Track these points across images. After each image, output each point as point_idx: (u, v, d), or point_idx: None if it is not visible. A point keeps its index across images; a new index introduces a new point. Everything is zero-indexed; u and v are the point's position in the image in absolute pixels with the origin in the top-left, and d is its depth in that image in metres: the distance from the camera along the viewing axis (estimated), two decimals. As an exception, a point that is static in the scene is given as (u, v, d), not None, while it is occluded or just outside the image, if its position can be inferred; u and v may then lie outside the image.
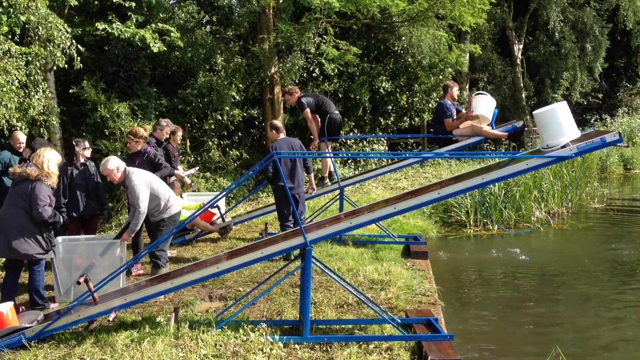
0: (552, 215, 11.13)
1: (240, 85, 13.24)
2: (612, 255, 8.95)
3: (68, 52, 8.67)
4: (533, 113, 5.65)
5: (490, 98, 8.50)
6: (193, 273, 5.07)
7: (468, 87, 19.69)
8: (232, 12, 14.72)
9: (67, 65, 8.87)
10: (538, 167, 5.27)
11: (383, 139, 16.23)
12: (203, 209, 5.75)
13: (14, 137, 7.68)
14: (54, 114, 9.57)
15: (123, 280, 6.27)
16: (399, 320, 5.29)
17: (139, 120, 10.50)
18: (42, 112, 9.15)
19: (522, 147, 17.08)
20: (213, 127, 13.10)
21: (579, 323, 6.30)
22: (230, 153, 13.46)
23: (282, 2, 12.76)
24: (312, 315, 5.36)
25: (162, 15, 12.38)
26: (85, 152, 7.28)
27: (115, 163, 6.30)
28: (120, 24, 9.78)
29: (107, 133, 10.31)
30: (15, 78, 8.02)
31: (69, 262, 6.23)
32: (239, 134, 14.08)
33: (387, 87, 15.54)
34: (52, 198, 5.77)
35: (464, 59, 16.98)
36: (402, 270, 7.03)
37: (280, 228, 7.83)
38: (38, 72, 8.70)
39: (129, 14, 10.33)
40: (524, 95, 21.53)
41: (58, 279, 6.20)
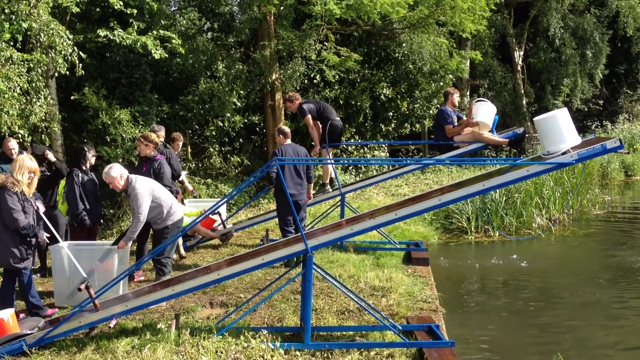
0: (553, 222, 11.13)
1: (242, 92, 13.26)
2: (613, 262, 8.93)
3: (70, 58, 8.69)
4: (534, 119, 5.66)
5: (491, 105, 8.52)
6: (194, 280, 5.08)
7: (469, 93, 19.71)
8: (233, 18, 14.76)
9: (68, 72, 8.89)
10: (539, 173, 5.29)
11: (384, 146, 16.24)
12: (204, 216, 5.75)
13: (5, 144, 7.57)
14: (56, 121, 9.59)
15: (124, 287, 6.27)
16: (400, 327, 5.28)
17: (141, 127, 10.51)
18: (43, 118, 9.17)
19: (522, 153, 17.07)
20: (214, 133, 13.12)
21: (581, 329, 6.28)
22: (232, 159, 13.47)
23: (283, 9, 12.79)
24: (313, 322, 5.36)
25: (163, 22, 12.41)
26: (92, 159, 7.40)
27: (119, 170, 6.30)
28: (122, 31, 9.81)
29: (108, 140, 10.32)
30: (17, 85, 8.04)
31: (76, 269, 6.20)
32: (240, 141, 14.09)
33: (388, 93, 15.56)
34: (25, 205, 5.55)
35: (465, 66, 17.01)
36: (403, 277, 7.02)
37: (282, 234, 7.83)
38: (40, 78, 8.72)
39: (131, 21, 10.36)
40: (525, 102, 21.55)
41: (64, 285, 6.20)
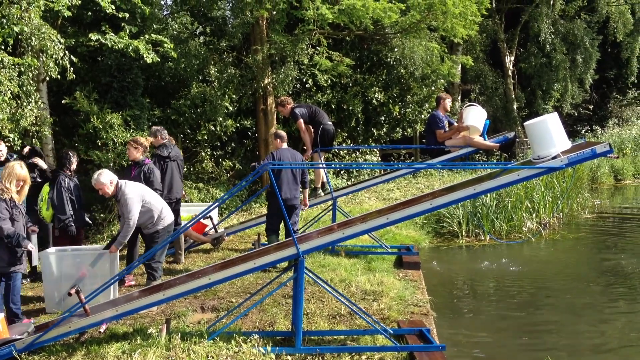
0: (543, 226, 11.18)
1: (234, 96, 13.26)
2: (603, 265, 8.99)
3: (61, 62, 8.67)
4: (524, 124, 5.70)
5: (481, 109, 8.58)
6: (185, 284, 5.06)
7: (460, 98, 19.82)
8: (225, 23, 14.78)
9: (60, 76, 8.86)
10: (529, 177, 5.32)
11: (376, 150, 16.28)
12: (195, 220, 5.74)
13: None
14: (47, 125, 9.56)
15: (115, 292, 6.25)
16: (391, 331, 5.29)
17: (132, 131, 10.49)
18: (34, 122, 9.14)
19: (513, 158, 17.17)
20: (206, 137, 13.10)
21: (571, 332, 6.32)
22: (223, 164, 13.45)
23: (275, 13, 12.82)
24: (304, 326, 5.35)
25: (155, 26, 12.41)
26: (74, 164, 7.37)
27: (109, 177, 6.28)
28: (114, 35, 9.80)
29: (99, 144, 10.29)
30: (8, 89, 8.01)
31: (66, 273, 6.16)
32: (232, 145, 14.08)
33: (379, 98, 15.61)
34: (13, 212, 5.50)
35: (456, 71, 17.11)
36: (394, 281, 7.04)
37: (267, 237, 7.83)
38: (31, 82, 8.69)
39: (123, 25, 10.35)
40: (515, 107, 21.69)
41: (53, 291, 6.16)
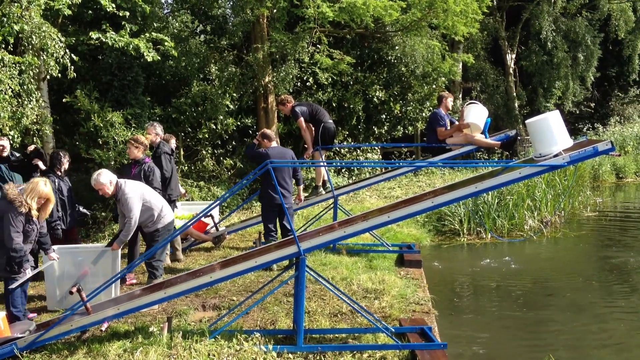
0: (545, 224, 11.17)
1: (234, 95, 13.25)
2: (604, 263, 8.98)
3: (62, 61, 8.66)
4: (526, 122, 5.69)
5: (482, 107, 8.57)
6: (186, 282, 5.06)
7: (461, 96, 19.80)
8: (226, 21, 14.76)
9: (60, 75, 8.85)
10: (531, 175, 5.31)
11: (377, 148, 16.27)
12: (197, 218, 5.74)
13: None
14: (47, 123, 9.55)
15: (116, 290, 6.25)
16: (393, 329, 5.28)
17: (133, 130, 10.48)
18: (35, 121, 9.13)
19: (515, 156, 17.16)
20: (207, 136, 13.10)
21: (573, 330, 6.31)
22: (224, 162, 13.44)
23: (276, 11, 12.81)
24: (305, 325, 5.35)
25: (156, 25, 12.40)
26: (67, 164, 7.35)
27: (108, 177, 6.27)
28: (114, 33, 9.78)
29: (100, 142, 10.28)
30: (9, 87, 8.00)
31: (68, 271, 6.16)
32: (233, 143, 14.08)
33: (380, 96, 15.59)
34: (27, 227, 5.38)
35: (457, 69, 17.09)
36: (395, 279, 7.03)
37: (265, 238, 7.81)
38: (31, 81, 8.67)
39: (123, 24, 10.33)
40: (517, 105, 21.67)
41: (53, 288, 6.15)
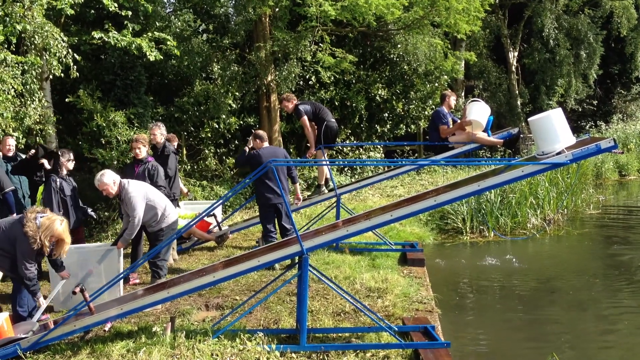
0: (547, 222, 11.15)
1: (237, 94, 13.25)
2: (608, 261, 8.96)
3: (64, 61, 8.67)
4: (528, 120, 5.68)
5: (484, 105, 8.55)
6: (189, 282, 5.07)
7: (464, 94, 19.75)
8: (228, 20, 14.75)
9: (63, 74, 8.87)
10: (533, 173, 5.31)
11: (379, 147, 16.25)
12: (199, 218, 5.74)
13: (4, 141, 7.59)
14: (50, 123, 9.57)
15: (121, 289, 6.25)
16: (396, 328, 5.28)
17: (136, 129, 10.49)
18: (38, 121, 9.15)
19: (517, 154, 17.12)
20: (210, 135, 13.10)
21: (576, 329, 6.30)
22: (227, 161, 13.45)
23: (278, 10, 12.80)
24: (309, 324, 5.35)
25: (158, 24, 12.40)
26: (69, 164, 7.26)
27: (111, 177, 6.27)
28: (117, 33, 9.79)
29: (103, 142, 10.30)
30: (12, 87, 8.02)
31: (72, 271, 6.16)
32: (236, 142, 14.08)
33: (383, 94, 15.57)
34: (38, 258, 5.36)
35: (460, 67, 17.04)
36: (398, 278, 7.03)
37: (264, 240, 7.79)
38: (34, 81, 8.70)
39: (126, 23, 10.35)
40: (519, 102, 21.61)
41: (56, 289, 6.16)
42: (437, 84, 16.01)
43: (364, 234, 7.36)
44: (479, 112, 8.39)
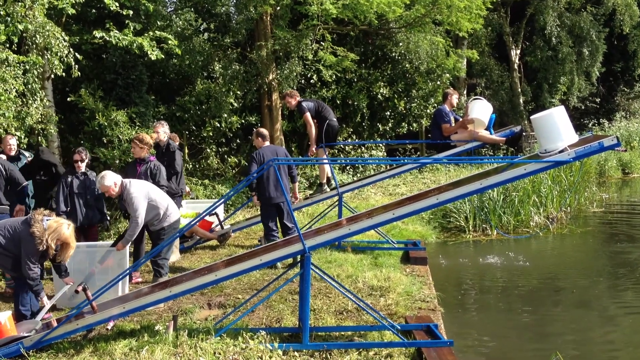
0: (551, 220, 11.12)
1: (238, 92, 13.24)
2: (611, 260, 8.94)
3: (66, 60, 8.67)
4: (531, 118, 5.66)
5: (486, 103, 8.54)
6: (192, 281, 5.06)
7: (466, 92, 19.72)
8: (229, 19, 14.75)
9: (64, 74, 8.87)
10: (536, 171, 5.28)
11: (381, 145, 16.24)
12: (201, 217, 5.73)
13: (5, 140, 7.60)
14: (52, 123, 9.57)
15: (124, 288, 6.25)
16: (399, 327, 5.27)
17: (137, 128, 10.49)
18: (40, 120, 9.15)
19: (520, 152, 17.08)
20: (211, 134, 13.10)
21: (579, 328, 6.28)
22: (229, 160, 13.45)
23: (279, 9, 12.79)
24: (311, 322, 5.35)
25: (159, 23, 12.39)
26: (79, 163, 7.19)
27: (113, 178, 6.26)
28: (118, 32, 9.79)
29: (105, 141, 10.30)
30: (13, 87, 8.02)
31: (77, 269, 6.16)
32: (237, 141, 14.08)
33: (385, 93, 15.55)
34: (42, 260, 5.37)
35: (462, 65, 17.01)
36: (401, 277, 7.02)
37: (266, 238, 7.77)
38: (36, 80, 8.70)
39: (127, 22, 10.34)
40: (522, 100, 21.57)
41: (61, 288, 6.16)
42: (439, 82, 15.98)
43: (367, 233, 7.33)
44: (481, 110, 8.38)
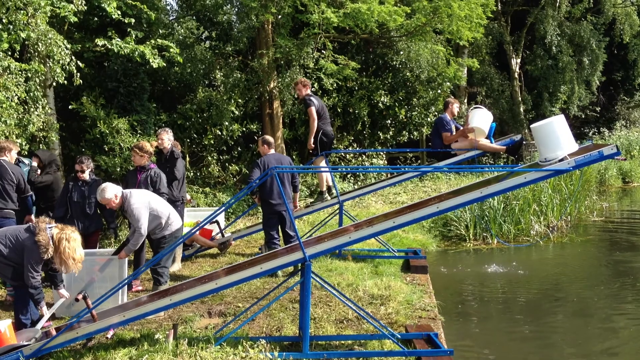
0: (551, 229, 11.12)
1: (240, 100, 13.27)
2: (611, 268, 8.93)
3: (68, 68, 8.70)
4: (531, 126, 5.67)
5: (486, 111, 8.56)
6: (192, 289, 5.06)
7: (466, 101, 19.76)
8: (231, 27, 14.80)
9: (66, 82, 8.89)
10: (536, 180, 5.29)
11: (382, 153, 16.25)
12: (202, 224, 5.74)
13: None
14: (54, 130, 9.59)
15: (124, 296, 6.24)
16: (399, 336, 5.26)
17: (139, 136, 10.51)
18: (41, 128, 9.17)
19: (520, 160, 17.09)
20: (212, 142, 13.12)
21: (580, 337, 6.27)
22: (230, 168, 13.46)
23: (280, 17, 12.83)
24: (311, 331, 5.34)
25: (161, 31, 12.43)
26: (82, 174, 7.11)
27: (113, 191, 6.25)
28: (120, 40, 9.82)
29: (106, 149, 10.31)
30: (15, 94, 8.04)
31: (76, 277, 6.15)
32: (238, 149, 14.09)
33: (385, 101, 15.58)
34: (44, 268, 5.33)
35: (462, 73, 17.05)
36: (401, 285, 7.01)
37: (267, 246, 7.76)
38: (38, 88, 8.72)
39: (129, 30, 10.38)
40: (522, 109, 21.60)
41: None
42: (439, 91, 16.02)
43: (367, 241, 7.35)
44: (482, 118, 8.39)
